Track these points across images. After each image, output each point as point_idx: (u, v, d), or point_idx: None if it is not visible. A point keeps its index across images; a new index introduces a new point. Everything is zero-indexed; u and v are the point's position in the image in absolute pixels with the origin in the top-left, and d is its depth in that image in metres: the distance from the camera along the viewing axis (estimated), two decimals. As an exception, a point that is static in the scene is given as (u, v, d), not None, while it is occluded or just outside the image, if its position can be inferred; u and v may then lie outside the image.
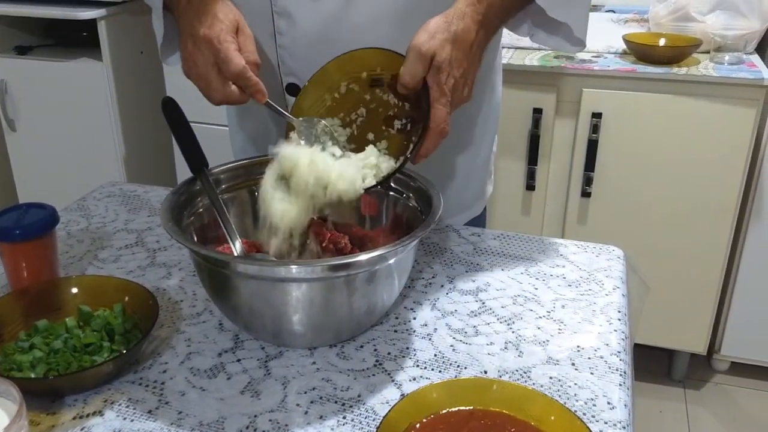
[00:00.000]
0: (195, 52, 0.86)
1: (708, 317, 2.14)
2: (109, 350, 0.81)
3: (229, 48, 0.84)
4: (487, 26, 0.89)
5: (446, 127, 0.86)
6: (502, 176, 2.05)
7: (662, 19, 2.09)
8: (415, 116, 0.90)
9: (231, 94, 0.86)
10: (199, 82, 0.88)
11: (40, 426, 0.74)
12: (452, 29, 0.85)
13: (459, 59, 0.85)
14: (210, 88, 0.87)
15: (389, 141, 0.92)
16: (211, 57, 0.85)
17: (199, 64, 0.86)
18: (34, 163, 2.61)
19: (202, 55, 0.86)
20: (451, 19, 0.85)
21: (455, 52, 0.85)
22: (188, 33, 0.87)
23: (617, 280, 1.01)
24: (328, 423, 0.74)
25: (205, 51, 0.85)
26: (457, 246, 1.09)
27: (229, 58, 0.84)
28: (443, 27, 0.85)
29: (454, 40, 0.84)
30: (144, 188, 1.29)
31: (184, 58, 0.89)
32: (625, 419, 0.75)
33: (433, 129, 0.85)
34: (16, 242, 0.89)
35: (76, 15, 2.28)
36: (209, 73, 0.86)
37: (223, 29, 0.85)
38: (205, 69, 0.86)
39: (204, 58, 0.86)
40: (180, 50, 0.90)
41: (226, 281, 0.80)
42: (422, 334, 0.89)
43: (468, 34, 0.86)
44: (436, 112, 0.85)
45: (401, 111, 0.91)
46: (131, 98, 2.50)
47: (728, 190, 1.97)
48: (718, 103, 1.88)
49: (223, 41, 0.84)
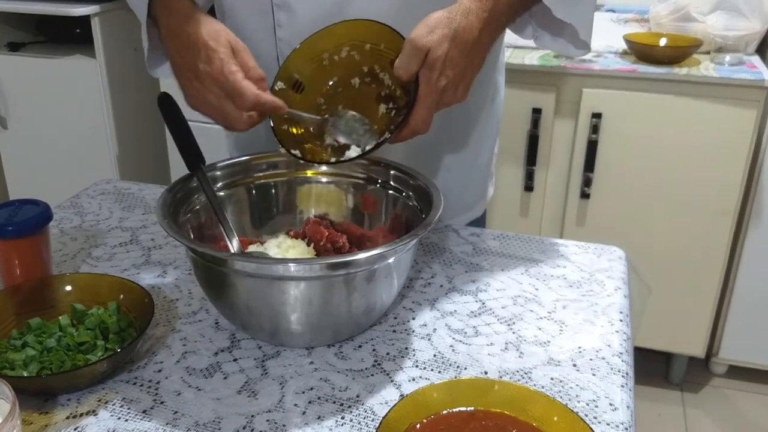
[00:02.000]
0: (203, 91, 0.84)
1: (706, 320, 2.13)
2: (104, 349, 0.80)
3: (236, 80, 0.82)
4: (492, 24, 0.86)
5: (425, 129, 0.85)
6: (500, 177, 2.04)
7: (663, 19, 2.08)
8: (401, 106, 0.88)
9: (252, 119, 0.85)
10: (215, 116, 0.86)
11: (33, 425, 0.72)
12: (453, 26, 0.82)
13: (455, 58, 0.83)
14: (230, 120, 0.85)
15: (374, 119, 0.90)
16: (221, 92, 0.83)
17: (210, 100, 0.84)
18: (25, 161, 2.59)
19: (211, 93, 0.84)
20: (454, 15, 0.82)
21: (452, 51, 0.82)
22: (186, 69, 0.85)
23: (619, 281, 0.99)
24: (327, 423, 0.73)
25: (213, 88, 0.83)
26: (457, 246, 1.08)
27: (241, 91, 0.82)
28: (444, 22, 0.82)
29: (454, 37, 0.82)
30: (138, 186, 1.27)
31: (191, 95, 0.87)
32: (627, 420, 0.74)
33: (410, 126, 0.84)
34: (9, 239, 0.87)
35: (70, 11, 2.26)
36: (225, 107, 0.84)
37: (223, 60, 0.82)
38: (219, 104, 0.84)
39: (214, 95, 0.84)
40: (182, 87, 0.88)
41: (223, 279, 0.79)
42: (421, 334, 0.88)
43: (470, 33, 0.83)
44: (419, 111, 0.83)
45: (392, 94, 0.90)
46: (125, 96, 2.48)
47: (728, 191, 1.96)
48: (719, 103, 1.87)
49: (228, 75, 0.82)
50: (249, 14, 0.88)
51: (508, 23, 0.91)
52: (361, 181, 0.98)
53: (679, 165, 1.96)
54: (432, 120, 0.85)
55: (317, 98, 0.93)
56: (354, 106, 0.91)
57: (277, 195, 0.99)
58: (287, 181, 0.99)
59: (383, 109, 0.90)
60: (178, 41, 0.86)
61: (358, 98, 0.91)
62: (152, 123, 2.56)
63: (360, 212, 0.99)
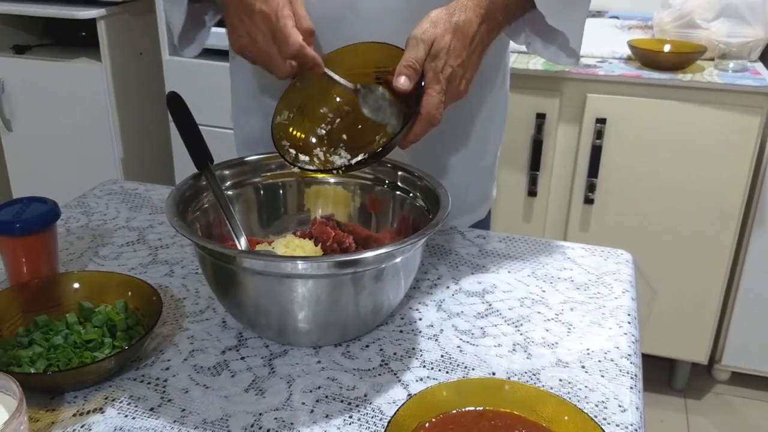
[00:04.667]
0: (252, 28, 0.85)
1: (709, 326, 2.13)
2: (111, 346, 0.79)
3: (286, 25, 0.83)
4: (489, 21, 0.89)
5: (438, 115, 0.85)
6: (504, 182, 2.04)
7: (667, 25, 2.08)
8: (408, 113, 0.88)
9: (293, 69, 0.86)
10: (259, 57, 0.87)
11: (40, 423, 0.72)
12: (453, 20, 0.85)
13: (458, 49, 0.85)
14: (273, 63, 0.86)
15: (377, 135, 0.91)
16: (270, 33, 0.84)
17: (258, 40, 0.85)
18: (30, 164, 2.59)
19: (260, 32, 0.85)
20: (453, 11, 0.86)
21: (455, 42, 0.85)
22: (240, 7, 0.86)
23: (626, 284, 0.99)
24: (335, 422, 0.72)
25: (263, 27, 0.84)
26: (462, 248, 1.08)
27: (287, 37, 0.83)
28: (445, 18, 0.85)
29: (455, 30, 0.85)
30: (145, 186, 1.27)
31: (239, 35, 0.87)
32: (636, 422, 0.74)
33: (423, 115, 0.84)
34: (16, 236, 0.87)
35: (76, 14, 2.27)
36: (270, 49, 0.85)
37: (280, 2, 0.83)
38: (266, 46, 0.85)
39: (263, 35, 0.85)
40: (229, 24, 0.89)
41: (232, 277, 0.79)
42: (428, 334, 0.87)
43: (469, 27, 0.86)
44: (429, 98, 0.84)
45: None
46: (130, 99, 2.49)
47: (731, 198, 1.96)
48: (723, 110, 1.87)
49: (281, 17, 0.83)
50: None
51: (504, 23, 0.93)
52: (368, 182, 0.98)
53: (683, 171, 1.96)
54: (443, 108, 0.86)
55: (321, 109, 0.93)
56: (356, 129, 0.92)
57: (285, 195, 0.99)
58: (295, 181, 0.99)
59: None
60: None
61: (361, 120, 0.91)
62: (157, 126, 2.56)
63: (367, 213, 0.99)
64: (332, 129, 0.93)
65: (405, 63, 0.84)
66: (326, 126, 0.93)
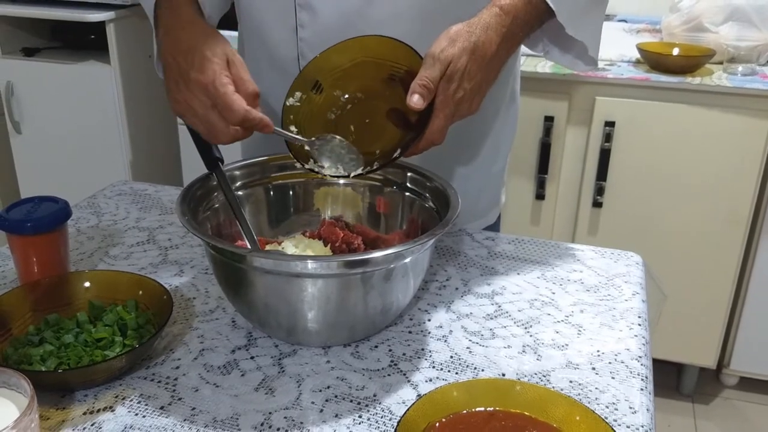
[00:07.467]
0: (190, 98, 0.82)
1: (718, 331, 2.12)
2: (121, 345, 0.79)
3: (227, 93, 0.79)
4: (510, 39, 0.88)
5: (440, 139, 0.85)
6: (512, 185, 2.04)
7: (675, 29, 2.08)
8: (410, 123, 0.88)
9: (237, 134, 0.82)
10: (199, 126, 0.83)
11: (50, 421, 0.72)
12: (473, 39, 0.84)
13: (473, 71, 0.84)
14: (215, 132, 0.82)
15: (382, 135, 0.90)
16: (209, 101, 0.81)
17: (196, 108, 0.82)
18: (39, 166, 2.59)
19: (198, 101, 0.81)
20: (473, 29, 0.84)
21: (471, 64, 0.83)
22: (177, 73, 0.83)
23: (636, 286, 0.99)
24: (344, 421, 0.72)
25: (201, 96, 0.81)
26: (471, 250, 1.08)
27: (230, 105, 0.79)
28: (465, 36, 0.84)
29: (474, 50, 0.83)
30: (155, 187, 1.28)
31: (176, 101, 0.84)
32: (647, 423, 0.74)
33: (426, 137, 0.84)
34: (28, 235, 0.88)
35: (85, 17, 2.27)
36: (210, 117, 0.81)
37: (216, 70, 0.80)
38: (204, 113, 0.81)
39: (201, 103, 0.81)
40: (169, 89, 0.85)
41: (242, 276, 0.79)
42: (437, 335, 0.87)
43: (489, 47, 0.85)
44: (436, 121, 0.84)
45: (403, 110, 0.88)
46: (139, 102, 2.49)
47: (740, 202, 1.95)
48: (731, 113, 1.87)
49: (219, 86, 0.79)
50: (270, 14, 0.87)
51: (524, 38, 0.93)
52: (377, 184, 0.98)
53: (691, 174, 1.95)
54: (447, 131, 0.86)
55: (335, 91, 0.92)
56: (364, 121, 0.91)
57: (295, 195, 0.99)
58: (304, 182, 0.99)
59: (392, 125, 0.90)
60: (174, 44, 0.84)
61: (369, 113, 0.91)
62: (165, 128, 2.57)
63: (376, 215, 0.99)
64: (342, 114, 0.92)
65: (420, 81, 0.82)
66: (337, 111, 0.92)
